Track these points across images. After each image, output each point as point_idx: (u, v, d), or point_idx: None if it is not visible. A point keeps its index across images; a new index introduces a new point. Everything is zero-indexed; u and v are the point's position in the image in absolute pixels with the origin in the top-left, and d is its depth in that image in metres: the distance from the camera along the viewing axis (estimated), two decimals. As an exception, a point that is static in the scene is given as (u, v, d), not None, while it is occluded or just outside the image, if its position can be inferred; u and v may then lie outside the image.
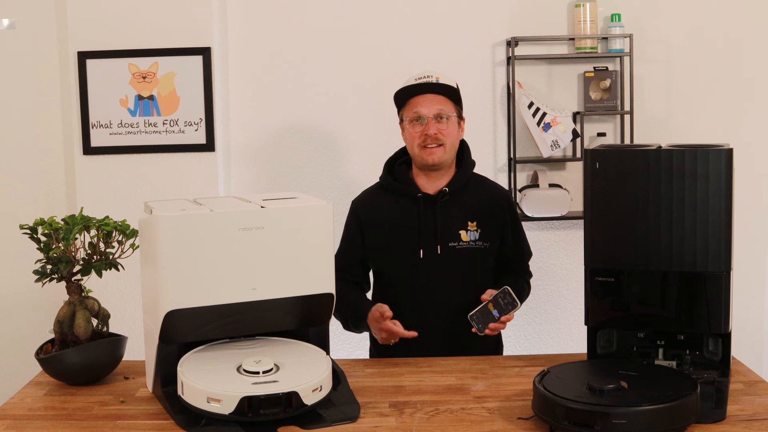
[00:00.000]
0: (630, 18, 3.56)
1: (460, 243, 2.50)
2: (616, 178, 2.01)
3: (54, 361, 2.12)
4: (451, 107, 2.51)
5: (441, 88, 2.51)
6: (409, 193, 2.54)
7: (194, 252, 1.90)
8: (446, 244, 2.50)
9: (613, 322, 2.08)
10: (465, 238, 2.51)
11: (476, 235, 2.52)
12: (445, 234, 2.50)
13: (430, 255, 2.50)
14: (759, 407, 1.89)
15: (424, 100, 2.50)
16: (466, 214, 2.53)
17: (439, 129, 2.48)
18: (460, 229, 2.52)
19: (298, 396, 1.82)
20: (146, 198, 3.16)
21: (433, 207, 2.51)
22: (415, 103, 2.51)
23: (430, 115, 2.48)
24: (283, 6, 3.56)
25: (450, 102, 2.52)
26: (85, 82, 3.39)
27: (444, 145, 2.49)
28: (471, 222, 2.52)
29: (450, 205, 2.52)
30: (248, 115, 3.60)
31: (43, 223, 2.13)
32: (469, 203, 2.54)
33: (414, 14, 3.58)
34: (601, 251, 2.05)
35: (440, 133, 2.48)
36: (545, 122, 3.46)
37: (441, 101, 2.50)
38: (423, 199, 2.52)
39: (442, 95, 2.51)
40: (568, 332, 3.68)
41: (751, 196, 3.62)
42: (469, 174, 2.58)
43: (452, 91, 2.52)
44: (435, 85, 2.50)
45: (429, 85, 2.50)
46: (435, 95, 2.51)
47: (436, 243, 2.50)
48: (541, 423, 1.81)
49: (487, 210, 2.55)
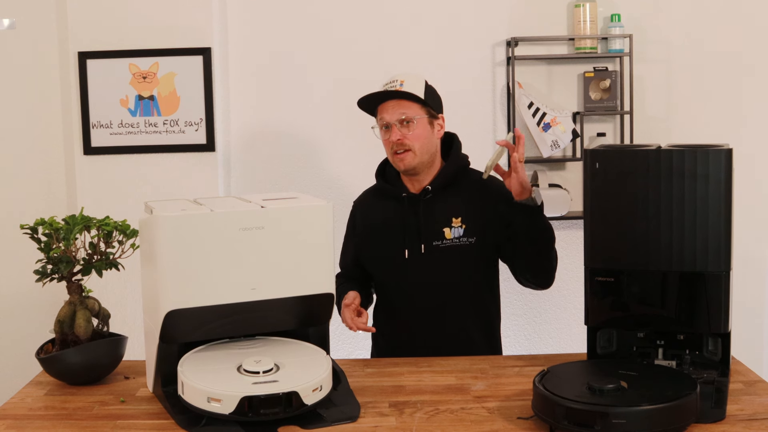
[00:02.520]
0: (630, 18, 3.56)
1: (444, 241, 2.48)
2: (616, 178, 2.01)
3: (54, 361, 2.12)
4: (416, 110, 2.45)
5: (401, 93, 2.45)
6: (395, 194, 2.54)
7: (194, 252, 1.90)
8: (430, 243, 2.47)
9: (613, 322, 2.08)
10: (449, 235, 2.48)
11: (461, 231, 2.48)
12: (428, 233, 2.48)
13: (414, 255, 2.48)
14: (759, 407, 1.89)
15: (388, 106, 2.47)
16: (450, 211, 2.48)
17: (404, 134, 2.44)
18: (444, 226, 2.48)
19: (298, 396, 1.82)
20: (146, 198, 3.16)
21: (416, 206, 2.50)
22: (381, 111, 2.49)
23: (393, 121, 2.45)
24: (283, 6, 3.56)
25: (415, 105, 2.45)
26: (85, 82, 3.39)
27: (411, 149, 2.44)
28: (455, 218, 2.48)
29: (433, 203, 2.50)
30: (248, 115, 3.60)
31: (43, 223, 2.13)
32: (454, 199, 2.50)
33: (414, 14, 3.58)
34: (601, 251, 2.05)
35: (405, 138, 2.44)
36: (545, 122, 3.46)
37: (404, 105, 2.45)
38: (407, 199, 2.51)
39: (405, 99, 2.45)
40: (568, 332, 3.68)
41: (751, 196, 3.62)
42: (454, 170, 2.53)
43: (414, 96, 2.45)
44: (393, 92, 2.45)
45: (389, 92, 2.46)
46: (397, 100, 2.46)
47: (420, 242, 2.48)
48: (541, 423, 1.81)
49: (474, 204, 2.49)
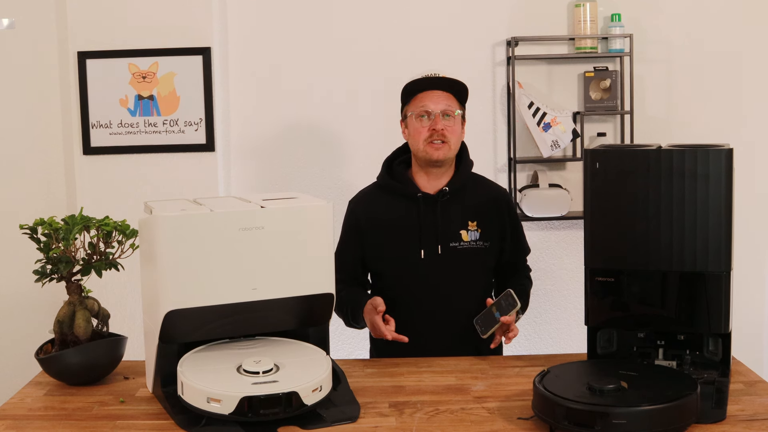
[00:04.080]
0: (630, 18, 3.56)
1: (461, 243, 2.50)
2: (616, 178, 2.00)
3: (54, 361, 2.12)
4: (457, 106, 2.52)
5: (449, 84, 2.52)
6: (408, 193, 2.53)
7: (194, 252, 1.90)
8: (447, 244, 2.50)
9: (613, 322, 2.08)
10: (466, 238, 2.51)
11: (477, 234, 2.52)
12: (446, 234, 2.50)
13: (431, 255, 2.49)
14: (759, 407, 1.89)
15: (433, 95, 2.50)
16: (466, 214, 2.53)
17: (446, 126, 2.48)
18: (461, 229, 2.51)
19: (298, 396, 1.82)
20: (146, 198, 3.16)
21: (434, 207, 2.51)
22: (422, 98, 2.51)
23: (437, 111, 2.48)
24: (283, 6, 3.56)
25: (456, 101, 2.52)
26: (85, 82, 3.39)
27: (448, 142, 2.48)
28: (471, 222, 2.52)
29: (450, 204, 2.52)
30: (248, 115, 3.60)
31: (43, 223, 2.13)
32: (469, 203, 2.54)
33: (414, 14, 3.58)
34: (601, 251, 2.05)
35: (446, 129, 2.48)
36: (545, 122, 3.45)
37: (449, 98, 2.51)
38: (423, 199, 2.52)
39: (450, 93, 2.51)
40: (568, 332, 3.68)
41: (751, 196, 3.62)
42: (468, 174, 2.58)
43: (460, 88, 2.53)
44: (444, 80, 2.51)
45: (438, 80, 2.52)
46: (443, 92, 2.51)
47: (437, 243, 2.49)
48: (541, 423, 1.81)
49: (487, 209, 2.55)
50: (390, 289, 2.56)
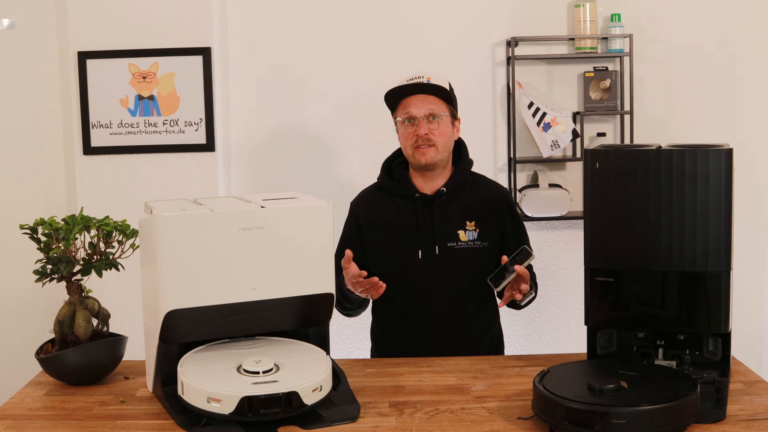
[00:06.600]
0: (630, 18, 3.56)
1: (459, 243, 2.50)
2: (616, 178, 2.00)
3: (54, 361, 2.12)
4: (442, 107, 2.49)
5: (432, 88, 2.49)
6: (406, 194, 2.54)
7: (194, 252, 1.90)
8: (444, 245, 2.50)
9: (613, 322, 2.08)
10: (463, 237, 2.51)
11: (475, 234, 2.51)
12: (443, 234, 2.50)
13: (428, 255, 2.50)
14: (759, 407, 1.89)
15: (416, 100, 2.49)
16: (464, 214, 2.52)
17: (431, 129, 2.46)
18: (459, 228, 2.51)
19: (298, 396, 1.82)
20: (146, 198, 3.16)
21: (431, 207, 2.51)
22: (406, 104, 2.50)
23: (420, 116, 2.47)
24: (283, 6, 3.56)
25: (442, 102, 2.50)
26: (85, 82, 3.39)
27: (436, 145, 2.47)
28: (469, 221, 2.52)
29: (448, 204, 2.52)
30: (248, 115, 3.60)
31: (43, 223, 2.13)
32: (467, 203, 2.54)
33: (414, 14, 3.57)
34: (601, 251, 2.05)
35: (431, 133, 2.46)
36: (545, 122, 3.46)
37: (432, 101, 2.49)
38: (420, 200, 2.52)
39: (433, 95, 2.49)
40: (568, 332, 3.68)
41: (751, 196, 3.62)
42: (466, 173, 2.57)
43: (444, 91, 2.50)
44: (425, 85, 2.48)
45: (419, 85, 2.49)
46: (426, 95, 2.49)
47: (434, 243, 2.49)
48: (541, 423, 1.81)
49: (486, 209, 2.54)
50: (389, 289, 2.55)
